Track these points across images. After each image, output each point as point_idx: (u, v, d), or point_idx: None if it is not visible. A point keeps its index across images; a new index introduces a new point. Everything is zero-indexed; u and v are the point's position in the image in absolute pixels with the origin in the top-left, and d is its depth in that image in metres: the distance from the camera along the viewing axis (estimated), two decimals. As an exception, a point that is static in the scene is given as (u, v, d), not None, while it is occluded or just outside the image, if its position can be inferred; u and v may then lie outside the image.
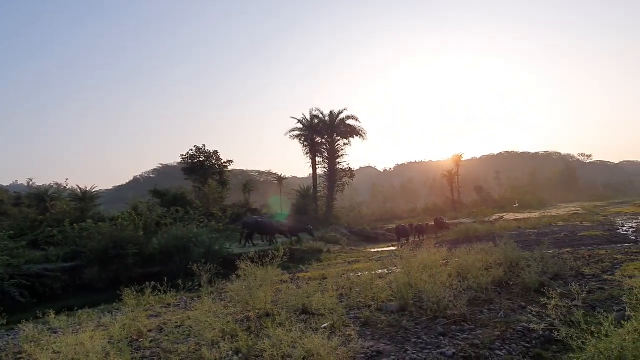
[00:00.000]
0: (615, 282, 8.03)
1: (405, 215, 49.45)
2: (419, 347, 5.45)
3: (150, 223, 18.11)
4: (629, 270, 9.00)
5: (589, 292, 7.33)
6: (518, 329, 5.86)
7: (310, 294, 7.56)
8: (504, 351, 5.14)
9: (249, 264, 7.71)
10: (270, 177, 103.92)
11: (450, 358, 5.01)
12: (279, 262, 7.98)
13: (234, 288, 7.88)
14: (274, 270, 7.79)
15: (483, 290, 7.81)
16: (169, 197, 26.47)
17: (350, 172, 42.26)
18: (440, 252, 10.08)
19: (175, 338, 6.38)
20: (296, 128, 41.47)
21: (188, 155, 39.39)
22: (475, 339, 5.55)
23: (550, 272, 8.72)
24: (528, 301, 7.16)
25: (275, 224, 23.85)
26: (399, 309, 7.13)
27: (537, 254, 9.42)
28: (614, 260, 10.57)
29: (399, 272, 8.88)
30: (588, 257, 11.24)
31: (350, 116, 40.90)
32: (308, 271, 14.28)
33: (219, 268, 8.92)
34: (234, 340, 5.76)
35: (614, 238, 16.62)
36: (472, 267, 8.74)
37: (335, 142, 41.02)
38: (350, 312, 7.23)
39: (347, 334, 5.95)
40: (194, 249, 15.00)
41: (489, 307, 7.10)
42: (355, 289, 8.82)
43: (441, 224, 27.85)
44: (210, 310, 6.85)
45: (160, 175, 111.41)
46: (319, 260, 18.31)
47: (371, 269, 10.36)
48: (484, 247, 10.72)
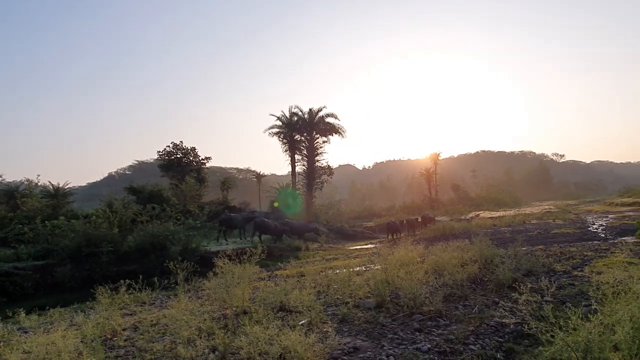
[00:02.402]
0: (585, 278, 8.27)
1: (383, 213, 49.80)
2: (395, 342, 5.52)
3: (125, 220, 17.79)
4: (598, 266, 9.28)
5: (560, 287, 7.55)
6: (491, 324, 5.99)
7: (288, 291, 7.56)
8: (477, 346, 5.24)
9: (227, 262, 7.66)
10: (249, 174, 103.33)
11: (425, 353, 5.08)
12: (257, 259, 7.94)
13: (211, 286, 7.81)
14: (252, 267, 7.75)
15: (458, 287, 7.94)
16: (145, 194, 25.97)
17: (329, 170, 42.27)
18: (417, 249, 10.22)
19: (151, 336, 6.29)
20: (275, 125, 41.28)
21: (165, 152, 38.79)
22: (450, 334, 5.65)
23: (523, 268, 8.92)
24: (501, 297, 7.31)
25: (280, 224, 23.76)
26: (376, 306, 7.19)
27: (510, 251, 9.62)
28: (584, 257, 10.88)
29: (376, 269, 8.96)
30: (559, 254, 11.54)
31: (330, 114, 40.90)
32: (286, 268, 14.27)
33: (196, 266, 8.81)
34: (211, 338, 5.73)
35: (584, 236, 17.09)
36: (448, 264, 8.87)
37: (315, 139, 40.96)
38: (327, 309, 7.26)
39: (324, 331, 5.98)
40: (171, 247, 14.81)
41: (464, 303, 7.23)
42: (333, 286, 8.86)
43: (429, 219, 28.67)
44: (186, 308, 6.79)
45: (136, 172, 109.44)
46: (298, 258, 18.32)
47: (349, 266, 10.42)
48: (460, 244, 10.90)
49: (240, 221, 24.08)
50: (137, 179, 40.20)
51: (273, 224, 23.08)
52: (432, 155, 65.15)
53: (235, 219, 23.90)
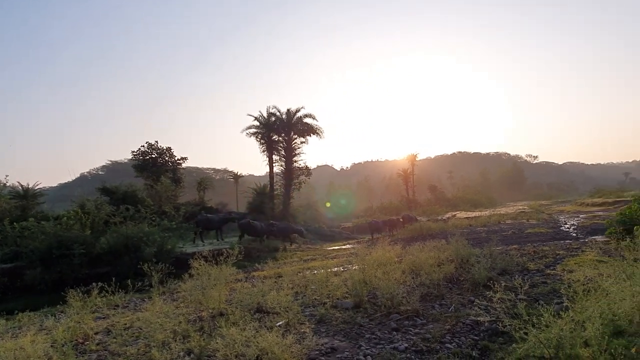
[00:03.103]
0: (557, 276, 8.46)
1: (361, 213, 50.09)
2: (372, 342, 5.53)
3: (98, 222, 17.37)
4: (570, 265, 9.50)
5: (533, 286, 7.70)
6: (467, 322, 6.06)
7: (265, 292, 7.51)
8: (453, 344, 5.30)
9: (203, 263, 7.55)
10: (226, 174, 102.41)
11: (402, 352, 5.10)
12: (234, 260, 7.86)
13: (187, 287, 7.69)
14: (229, 269, 7.66)
15: (435, 286, 8.01)
16: (119, 195, 25.43)
17: (307, 170, 42.19)
18: (395, 249, 10.30)
19: (124, 340, 6.15)
20: (253, 126, 40.97)
21: (139, 152, 38.03)
22: (427, 333, 5.69)
23: (498, 267, 9.07)
24: (477, 295, 7.40)
25: (266, 225, 23.59)
26: (353, 306, 7.20)
27: (486, 250, 9.78)
28: (556, 255, 11.14)
29: (354, 269, 8.98)
30: (533, 253, 11.79)
31: (308, 114, 40.83)
32: (264, 269, 14.17)
33: (171, 268, 8.67)
34: (186, 341, 5.63)
35: (557, 235, 17.51)
36: (425, 264, 8.96)
37: (293, 140, 40.82)
38: (305, 310, 7.24)
39: (302, 332, 5.95)
40: (145, 248, 14.52)
41: (441, 302, 7.30)
42: (311, 287, 8.84)
43: (410, 218, 29.15)
44: (161, 311, 6.66)
45: (109, 173, 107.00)
46: (275, 259, 18.22)
47: (327, 266, 10.42)
48: (437, 244, 11.02)
49: (217, 222, 23.84)
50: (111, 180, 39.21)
51: (259, 225, 22.95)
52: (410, 156, 65.88)
53: (212, 220, 23.64)
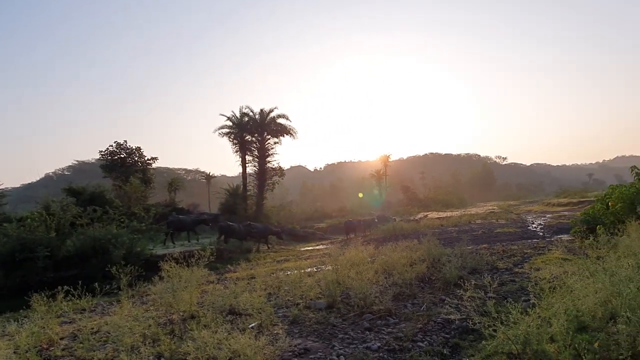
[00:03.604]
0: (525, 275, 8.69)
1: (335, 214, 50.11)
2: (345, 342, 5.55)
3: (63, 223, 16.79)
4: (537, 263, 9.78)
5: (502, 284, 7.89)
6: (438, 320, 6.15)
7: (237, 294, 7.43)
8: (425, 342, 5.37)
9: (174, 265, 7.42)
10: (198, 175, 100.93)
11: (375, 352, 5.14)
12: (206, 262, 7.75)
13: (157, 290, 7.53)
14: (200, 270, 7.54)
15: (407, 286, 8.10)
16: (86, 196, 24.66)
17: (281, 171, 42.01)
18: (367, 249, 10.36)
19: (91, 345, 5.97)
20: (225, 125, 40.52)
21: (108, 152, 36.99)
22: (399, 332, 5.75)
23: (468, 266, 9.26)
24: (448, 294, 7.53)
25: (246, 227, 23.33)
26: (327, 306, 7.21)
27: (457, 250, 9.95)
28: (524, 254, 11.46)
29: (327, 269, 8.99)
30: (502, 252, 12.09)
31: (281, 115, 40.67)
32: (236, 271, 14.02)
33: (140, 270, 8.46)
34: (156, 345, 5.52)
35: (524, 234, 18.00)
36: (398, 264, 9.05)
37: (266, 140, 40.58)
38: (278, 311, 7.20)
39: (275, 333, 5.92)
40: (114, 251, 14.14)
41: (413, 302, 7.39)
42: (284, 288, 8.81)
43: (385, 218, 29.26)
44: (130, 314, 6.51)
45: (76, 173, 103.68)
46: (248, 260, 18.05)
47: (300, 267, 10.40)
48: (409, 244, 11.16)
49: (190, 223, 23.49)
50: (77, 180, 37.97)
51: (238, 227, 22.73)
52: (382, 157, 66.65)
53: (183, 221, 23.26)
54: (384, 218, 29.79)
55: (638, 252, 5.91)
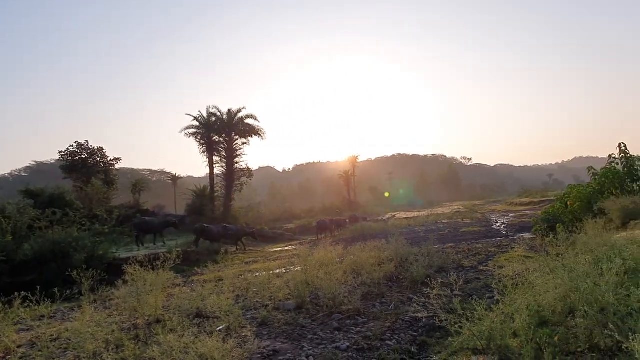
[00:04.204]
0: (489, 272, 8.92)
1: (303, 215, 50.06)
2: (315, 343, 5.54)
3: (20, 227, 16.08)
4: (500, 261, 10.06)
5: (467, 281, 8.07)
6: (406, 319, 6.23)
7: (205, 296, 7.30)
8: (393, 341, 5.42)
9: (138, 268, 7.22)
10: (163, 176, 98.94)
11: (344, 351, 5.15)
12: (172, 265, 7.58)
13: (120, 294, 7.31)
14: (166, 273, 7.37)
15: (376, 285, 8.17)
16: (44, 198, 23.70)
17: (249, 171, 41.66)
18: (336, 250, 10.39)
19: (51, 352, 5.72)
20: (192, 126, 39.83)
21: (68, 152, 35.63)
22: (368, 332, 5.78)
23: (435, 265, 9.42)
24: (415, 293, 7.64)
25: (221, 229, 22.92)
26: (296, 307, 7.18)
27: (424, 249, 10.11)
28: (488, 252, 11.77)
29: (296, 270, 8.96)
30: (467, 251, 12.39)
31: (249, 115, 40.34)
32: (204, 273, 13.80)
33: (103, 274, 8.19)
34: (120, 351, 5.34)
35: (489, 233, 18.52)
36: (366, 264, 9.12)
37: (234, 141, 40.15)
38: (247, 313, 7.12)
39: (243, 335, 5.85)
40: (74, 255, 13.64)
41: (381, 301, 7.45)
42: (253, 289, 8.72)
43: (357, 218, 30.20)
44: (92, 320, 6.27)
45: (33, 174, 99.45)
46: (216, 262, 17.78)
47: (269, 268, 10.34)
48: (377, 244, 11.28)
49: (157, 225, 23.03)
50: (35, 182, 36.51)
51: (215, 229, 22.39)
52: (351, 158, 67.03)
53: (150, 223, 22.76)
54: (355, 218, 30.09)
55: (595, 249, 6.17)
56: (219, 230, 22.54)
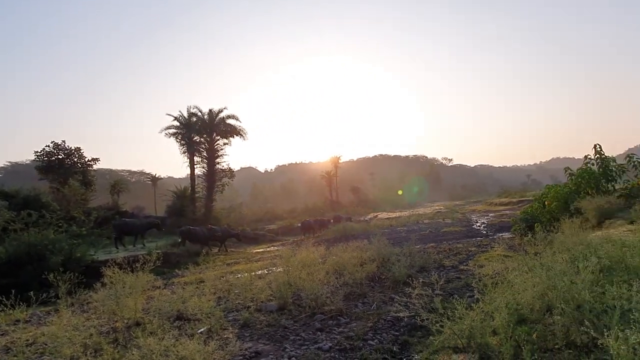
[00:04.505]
0: (469, 272, 9.03)
1: (285, 215, 50.00)
2: (297, 344, 5.52)
3: (-6, 229, 15.68)
4: (480, 260, 10.21)
5: (448, 281, 8.17)
6: (388, 319, 6.26)
7: (185, 298, 7.21)
8: (375, 341, 5.44)
9: (117, 271, 7.10)
10: (143, 177, 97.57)
11: (327, 352, 5.15)
12: (152, 267, 7.47)
13: (99, 297, 7.17)
14: (146, 276, 7.27)
15: (358, 285, 8.19)
16: (19, 199, 23.12)
17: (231, 172, 41.40)
18: (319, 250, 10.39)
19: (26, 357, 5.59)
20: (172, 126, 39.40)
21: (44, 152, 34.80)
22: (350, 332, 5.79)
23: (416, 265, 9.50)
24: (397, 292, 7.68)
25: (208, 230, 22.65)
26: (278, 308, 7.15)
27: (405, 249, 10.19)
28: (468, 252, 11.93)
29: (278, 271, 8.93)
30: (448, 251, 12.53)
31: (231, 115, 40.11)
32: (184, 275, 13.64)
33: (81, 277, 8.04)
34: (98, 355, 5.25)
35: (469, 233, 18.76)
36: (348, 264, 9.14)
37: (215, 141, 39.86)
38: (228, 315, 7.07)
39: (225, 337, 5.80)
40: (51, 257, 13.33)
41: (363, 301, 7.48)
42: (234, 291, 8.66)
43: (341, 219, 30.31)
44: (69, 324, 6.13)
45: (8, 175, 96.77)
46: (197, 264, 17.58)
47: (251, 269, 10.28)
48: (359, 244, 11.31)
49: (140, 227, 22.74)
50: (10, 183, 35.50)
51: (201, 231, 22.16)
52: (333, 159, 67.15)
53: (131, 224, 22.44)
54: (339, 219, 30.23)
55: (571, 248, 6.30)
56: (205, 232, 22.36)
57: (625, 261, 5.10)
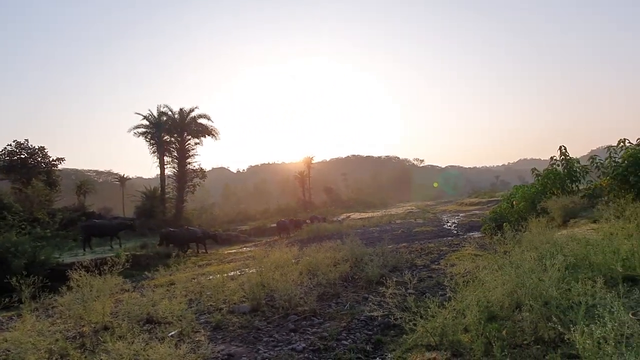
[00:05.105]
0: (441, 270, 9.18)
1: (258, 216, 49.57)
2: (270, 345, 5.49)
3: (-48, 231, 14.98)
4: (452, 259, 10.38)
5: (421, 280, 8.27)
6: (362, 318, 6.30)
7: (156, 301, 7.06)
8: (349, 340, 5.46)
9: (84, 274, 6.89)
10: (110, 177, 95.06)
11: (300, 352, 5.13)
12: (120, 269, 7.29)
13: (65, 301, 6.94)
14: (114, 278, 7.08)
15: (331, 286, 8.21)
16: (-21, 201, 22.24)
17: (202, 172, 40.77)
18: (292, 251, 10.36)
19: (-14, 365, 5.35)
20: (142, 125, 38.47)
21: (5, 152, 33.47)
22: (324, 332, 5.80)
23: (389, 265, 9.59)
24: (370, 292, 7.74)
25: (188, 232, 22.17)
26: (251, 310, 7.10)
27: (378, 249, 10.28)
28: (440, 251, 12.12)
29: (251, 272, 8.86)
30: (420, 250, 12.69)
31: (202, 115, 39.52)
32: (154, 278, 13.35)
33: (45, 280, 7.74)
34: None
35: (440, 232, 19.07)
36: (322, 264, 9.15)
37: (186, 141, 39.18)
38: (200, 317, 6.96)
39: (196, 340, 5.71)
40: (13, 260, 12.84)
41: (337, 301, 7.50)
42: (206, 293, 8.53)
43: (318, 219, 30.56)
44: (33, 329, 5.90)
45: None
46: (167, 266, 17.25)
47: (223, 271, 10.15)
48: (333, 245, 11.35)
49: (108, 228, 22.15)
50: (-30, 183, 34.08)
51: (180, 233, 21.75)
52: (306, 159, 67.07)
53: (102, 226, 21.85)
54: (316, 219, 30.42)
55: (539, 246, 6.48)
56: (185, 234, 22.00)
57: (590, 259, 5.28)
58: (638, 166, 10.68)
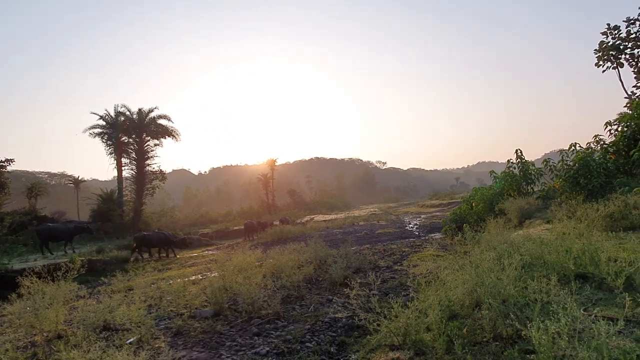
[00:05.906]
0: (404, 271, 9.31)
1: (221, 219, 48.81)
2: (233, 350, 5.40)
3: None
4: (414, 260, 10.56)
5: (384, 281, 8.36)
6: (326, 320, 6.29)
7: (113, 307, 6.80)
8: (313, 342, 5.44)
9: (35, 280, 6.56)
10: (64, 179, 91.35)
11: (264, 356, 5.07)
12: (75, 275, 6.99)
13: (14, 310, 6.59)
14: (68, 285, 6.78)
15: (295, 288, 8.18)
16: None
17: (162, 174, 39.72)
18: (255, 253, 10.26)
19: None
20: (98, 125, 37.15)
21: (-50, 153, 31.67)
22: (288, 335, 5.75)
23: (353, 266, 9.65)
24: (335, 294, 7.76)
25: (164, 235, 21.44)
26: (213, 314, 6.97)
27: (342, 251, 10.31)
28: (402, 252, 12.29)
29: (213, 276, 8.70)
30: (383, 252, 12.84)
31: (162, 115, 38.56)
32: (112, 283, 12.88)
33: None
34: (13, 372, 4.80)
35: (403, 234, 19.37)
36: (286, 267, 9.10)
37: (145, 142, 38.09)
38: (160, 323, 6.77)
39: (156, 347, 5.54)
40: (-43, 267, 12.12)
41: (301, 303, 7.47)
42: (167, 298, 8.32)
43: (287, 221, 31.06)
44: (-21, 340, 5.58)
45: None
46: (125, 271, 16.68)
47: (184, 275, 9.93)
48: (297, 247, 11.31)
49: (64, 232, 21.26)
50: None
51: (156, 237, 21.09)
52: (269, 161, 66.56)
53: (57, 230, 20.93)
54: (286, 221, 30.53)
55: (497, 246, 6.67)
56: (160, 238, 21.41)
57: (544, 258, 5.48)
58: (588, 169, 11.24)
